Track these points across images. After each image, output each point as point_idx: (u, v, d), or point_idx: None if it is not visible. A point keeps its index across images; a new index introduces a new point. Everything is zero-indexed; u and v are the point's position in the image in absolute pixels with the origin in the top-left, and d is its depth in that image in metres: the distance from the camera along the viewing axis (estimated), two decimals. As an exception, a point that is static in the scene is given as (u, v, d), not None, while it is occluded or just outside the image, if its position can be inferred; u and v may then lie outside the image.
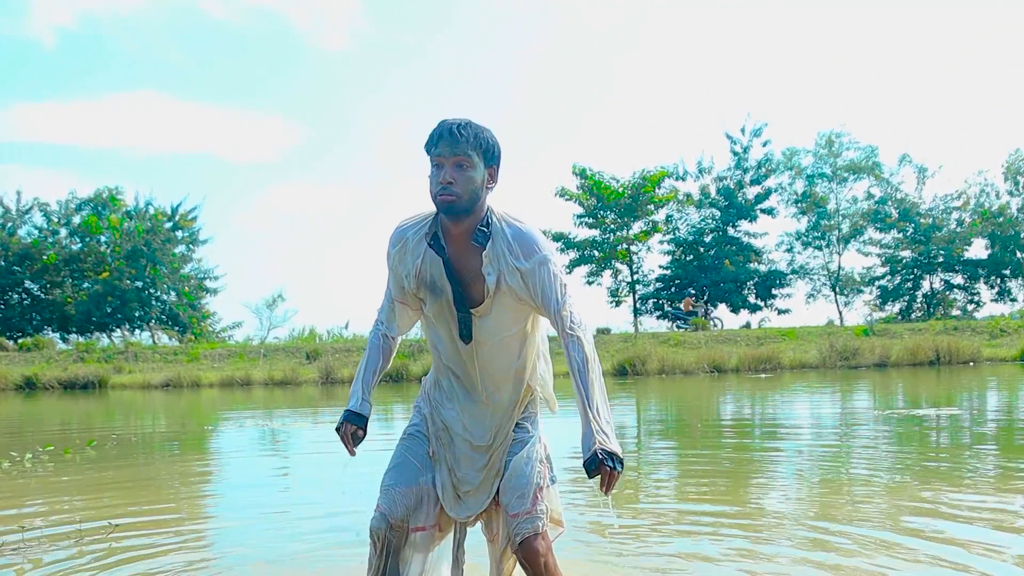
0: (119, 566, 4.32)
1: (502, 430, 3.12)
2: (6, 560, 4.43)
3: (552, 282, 2.95)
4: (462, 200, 2.87)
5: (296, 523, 5.21)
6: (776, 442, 9.30)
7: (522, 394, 3.17)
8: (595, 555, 4.41)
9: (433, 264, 2.98)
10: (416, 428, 3.21)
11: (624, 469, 2.86)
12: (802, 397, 16.29)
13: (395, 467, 3.10)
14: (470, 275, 2.97)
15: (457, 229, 2.95)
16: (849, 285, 47.17)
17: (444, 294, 3.00)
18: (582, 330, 2.98)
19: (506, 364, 3.09)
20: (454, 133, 2.87)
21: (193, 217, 50.67)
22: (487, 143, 2.95)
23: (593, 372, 2.94)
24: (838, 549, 4.32)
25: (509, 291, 2.95)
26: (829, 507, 5.49)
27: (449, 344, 3.08)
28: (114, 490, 6.98)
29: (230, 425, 14.07)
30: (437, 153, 2.89)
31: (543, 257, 2.96)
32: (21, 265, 48.64)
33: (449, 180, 2.85)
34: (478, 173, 2.91)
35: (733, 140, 46.88)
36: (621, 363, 27.38)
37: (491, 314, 2.99)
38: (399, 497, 3.01)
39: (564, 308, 2.95)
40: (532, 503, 2.98)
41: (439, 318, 3.06)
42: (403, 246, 3.03)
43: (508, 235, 2.97)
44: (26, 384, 29.58)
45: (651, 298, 47.75)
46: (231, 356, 34.02)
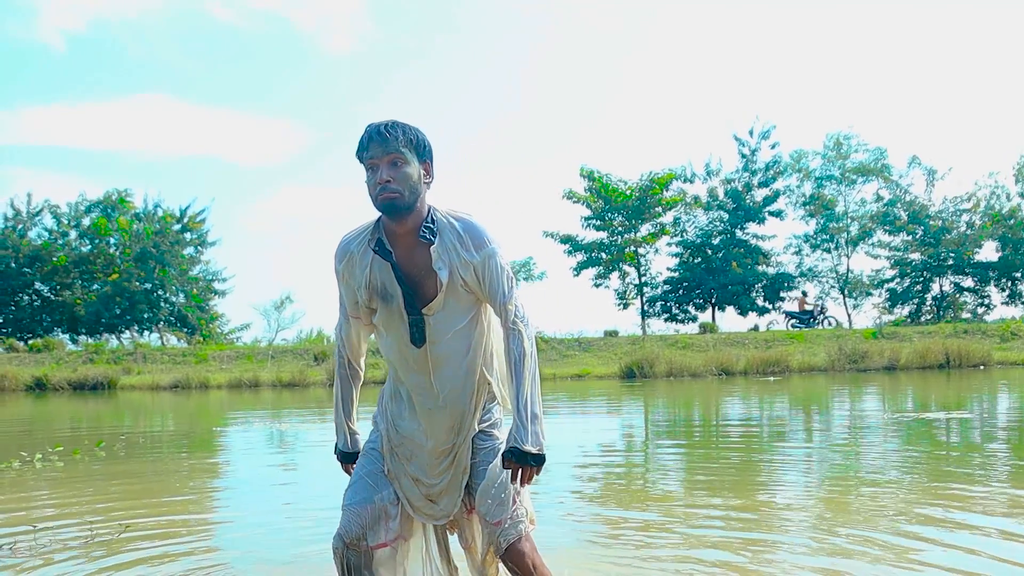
0: (130, 567, 4.33)
1: (463, 428, 3.09)
2: (19, 559, 4.44)
3: (499, 275, 2.96)
4: (403, 197, 2.86)
5: (302, 524, 5.22)
6: (784, 445, 9.29)
7: (476, 385, 3.10)
8: (602, 555, 4.40)
9: (382, 270, 2.98)
10: (371, 445, 3.21)
11: (544, 464, 2.90)
12: (811, 400, 16.27)
13: (351, 486, 3.12)
14: (420, 274, 2.96)
15: (402, 229, 2.94)
16: (858, 288, 47.06)
17: (395, 299, 2.98)
18: (524, 324, 3.00)
19: (458, 359, 3.05)
20: (382, 133, 2.86)
21: (201, 219, 50.78)
22: (417, 138, 2.93)
23: (528, 367, 2.96)
24: (847, 552, 4.31)
25: (462, 283, 2.95)
26: (838, 509, 5.48)
27: (400, 351, 3.06)
28: (123, 491, 7.00)
29: (238, 426, 14.09)
30: (370, 156, 2.88)
31: (492, 250, 2.96)
32: (31, 267, 48.82)
33: (387, 179, 2.84)
34: (413, 169, 2.89)
35: (741, 142, 46.81)
36: (629, 365, 27.35)
37: (443, 310, 2.97)
38: (353, 517, 3.02)
39: (510, 302, 2.97)
40: (512, 507, 2.99)
41: (389, 326, 3.04)
42: (349, 259, 3.02)
43: (458, 228, 2.95)
44: (36, 385, 29.69)
45: (659, 300, 47.69)
46: (239, 358, 34.08)
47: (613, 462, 8.57)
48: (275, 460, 9.15)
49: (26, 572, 4.24)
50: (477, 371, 3.09)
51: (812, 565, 4.08)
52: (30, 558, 4.51)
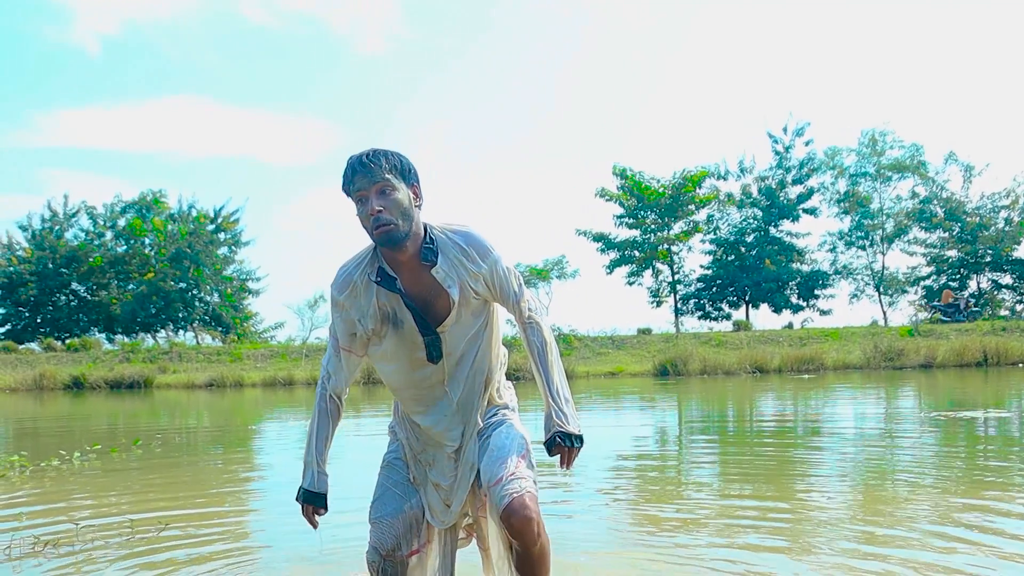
0: (169, 565, 4.36)
1: (469, 425, 3.09)
2: (62, 557, 4.49)
3: (508, 277, 2.99)
4: (399, 227, 2.83)
5: (336, 524, 5.25)
6: (818, 443, 9.22)
7: (485, 383, 3.11)
8: (635, 550, 4.38)
9: (389, 298, 2.95)
10: (394, 455, 3.22)
11: (583, 445, 2.98)
12: (845, 398, 16.14)
13: (379, 499, 3.12)
14: (430, 295, 2.94)
15: (404, 256, 2.91)
16: (893, 285, 46.69)
17: (406, 324, 2.96)
18: (539, 315, 3.05)
19: (470, 365, 3.06)
20: (365, 164, 2.84)
21: (235, 219, 51.21)
22: (401, 164, 2.90)
23: (552, 354, 3.03)
24: (882, 555, 4.27)
25: (474, 294, 2.95)
26: (873, 508, 5.43)
27: (411, 372, 3.04)
28: (161, 489, 7.05)
29: (273, 425, 14.17)
30: (357, 189, 2.87)
31: (496, 256, 2.96)
32: (68, 267, 49.44)
33: (378, 208, 2.81)
34: (403, 194, 2.86)
35: (775, 139, 46.58)
36: (662, 363, 27.26)
37: (457, 323, 2.97)
38: (387, 528, 3.03)
39: (523, 299, 3.02)
40: (515, 465, 2.93)
41: (398, 351, 3.01)
42: (352, 289, 2.97)
43: (460, 242, 2.94)
44: (74, 384, 30.05)
45: (692, 298, 47.54)
46: (273, 356, 34.31)
47: (647, 459, 8.54)
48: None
49: (69, 570, 4.28)
50: (487, 369, 3.10)
51: (846, 564, 4.04)
52: (72, 555, 4.55)
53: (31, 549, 4.66)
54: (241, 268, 52.70)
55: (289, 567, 4.30)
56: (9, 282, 48.95)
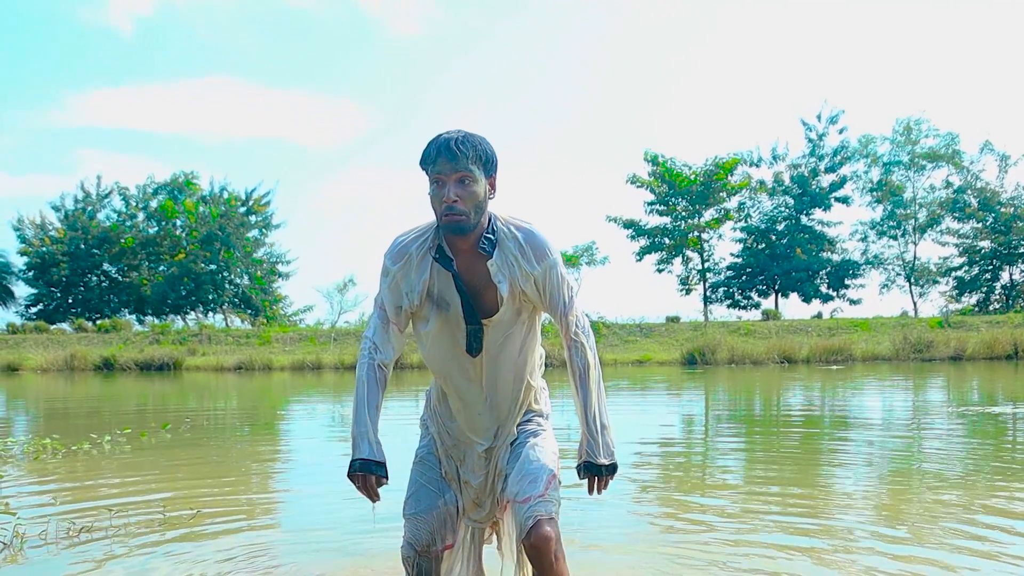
0: (203, 551, 4.42)
1: (503, 431, 3.07)
2: (96, 542, 4.55)
3: (560, 285, 2.93)
4: (470, 218, 2.80)
5: (366, 516, 5.30)
6: (846, 435, 9.18)
7: (522, 393, 3.08)
8: (658, 548, 4.39)
9: (441, 279, 2.91)
10: (427, 451, 3.18)
11: (616, 473, 2.99)
12: (873, 390, 16.07)
13: (413, 495, 3.08)
14: (481, 285, 2.90)
15: (465, 244, 2.87)
16: (924, 276, 46.29)
17: (452, 308, 2.92)
18: (585, 335, 2.99)
19: (509, 365, 3.02)
20: (452, 149, 2.77)
21: (267, 202, 51.41)
22: (486, 155, 2.84)
23: (593, 379, 2.97)
24: (905, 554, 4.26)
25: (521, 294, 2.90)
26: (898, 506, 5.41)
27: (451, 359, 3.00)
28: (191, 473, 7.13)
29: (301, 410, 14.28)
30: (436, 171, 2.80)
31: (553, 260, 2.90)
32: (100, 248, 49.87)
33: (454, 198, 2.77)
34: (480, 187, 2.82)
35: (808, 127, 46.24)
36: (690, 352, 27.24)
37: (501, 321, 2.93)
38: (422, 524, 3.01)
39: (571, 312, 2.96)
40: (545, 487, 2.88)
41: (441, 334, 2.97)
42: (407, 262, 2.91)
43: (520, 239, 2.89)
44: (104, 365, 30.38)
45: (722, 286, 47.37)
46: (302, 340, 34.50)
47: (672, 449, 8.54)
48: (336, 445, 9.25)
49: (105, 555, 4.34)
50: (525, 377, 3.07)
51: (870, 562, 4.04)
52: (107, 541, 4.62)
53: (67, 533, 4.73)
54: (271, 251, 52.96)
55: (318, 554, 4.34)
56: (41, 262, 49.45)
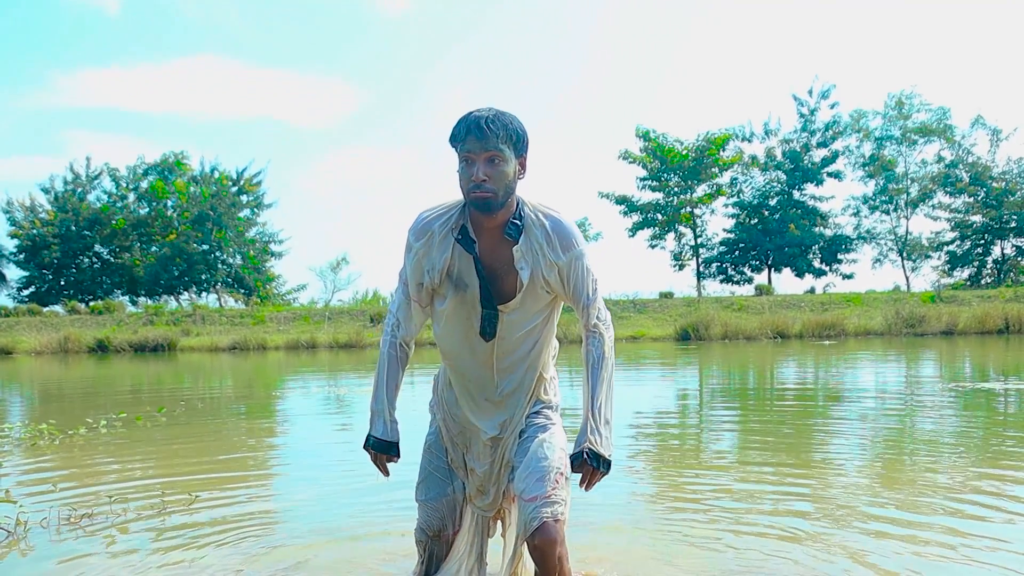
0: (203, 538, 4.45)
1: (512, 421, 3.03)
2: (97, 531, 4.57)
3: (585, 277, 2.90)
4: (498, 197, 2.77)
5: (362, 496, 5.34)
6: (839, 411, 9.23)
7: (534, 384, 3.05)
8: (649, 521, 4.42)
9: (462, 259, 2.88)
10: (433, 438, 3.22)
11: (610, 471, 2.95)
12: (866, 366, 16.13)
13: (423, 483, 3.17)
14: (502, 269, 2.88)
15: (491, 223, 2.85)
16: (916, 250, 46.42)
17: (470, 289, 2.89)
18: (605, 327, 2.98)
19: (523, 356, 2.99)
20: (482, 128, 2.73)
21: (258, 182, 51.32)
22: (516, 134, 2.80)
23: (606, 371, 2.95)
24: (899, 532, 4.30)
25: (543, 283, 2.87)
26: (891, 480, 5.45)
27: (464, 342, 2.99)
28: (187, 458, 7.15)
29: (297, 389, 14.30)
30: (466, 149, 2.76)
31: (580, 252, 2.87)
32: (91, 230, 49.76)
33: (483, 178, 2.74)
34: (510, 167, 2.79)
35: (800, 102, 46.26)
36: (684, 328, 27.31)
37: (520, 308, 2.90)
38: (433, 511, 3.12)
39: (594, 304, 2.94)
40: (552, 487, 2.86)
41: (456, 315, 2.96)
42: (429, 239, 2.89)
43: (547, 227, 2.86)
44: (98, 347, 30.33)
45: (715, 262, 47.45)
46: (296, 319, 34.51)
47: (667, 426, 8.58)
48: (335, 425, 9.28)
49: (105, 541, 4.37)
50: (538, 370, 3.04)
51: (863, 538, 4.08)
52: (107, 528, 4.64)
53: (67, 520, 4.75)
54: (263, 230, 52.92)
55: (316, 537, 4.37)
56: (32, 245, 49.32)
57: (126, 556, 4.09)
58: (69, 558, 4.07)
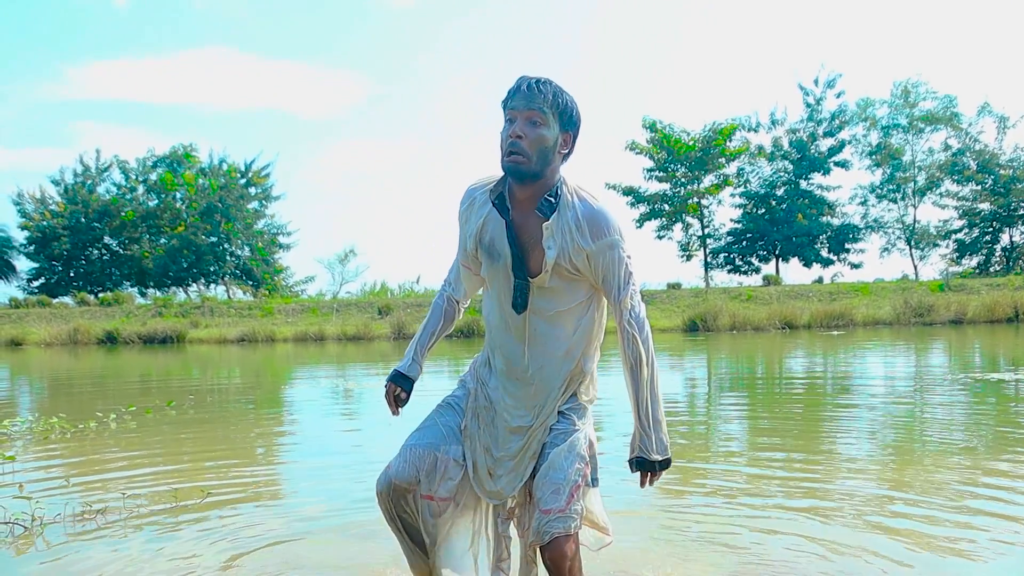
0: (216, 534, 4.48)
1: (543, 411, 2.93)
2: (112, 528, 4.59)
3: (617, 268, 2.81)
4: (531, 161, 2.70)
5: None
6: (848, 402, 9.23)
7: (569, 375, 2.95)
8: (657, 513, 4.43)
9: (495, 225, 2.85)
10: (455, 399, 3.09)
11: (669, 466, 2.93)
12: (875, 355, 16.12)
13: (420, 428, 3.02)
14: (531, 243, 2.82)
15: (523, 194, 2.79)
16: (924, 239, 46.27)
17: (502, 258, 2.85)
18: (639, 326, 2.86)
19: (557, 341, 2.90)
20: (532, 87, 2.72)
21: (266, 174, 51.31)
22: (565, 105, 2.76)
23: (646, 372, 2.86)
24: (906, 524, 4.31)
25: (570, 267, 2.79)
26: (901, 471, 5.46)
27: (500, 314, 2.94)
28: (197, 451, 7.19)
29: (305, 382, 14.34)
30: (511, 107, 2.74)
31: (613, 240, 2.79)
32: (101, 222, 49.84)
33: (519, 134, 2.69)
34: (550, 132, 2.73)
35: (806, 91, 46.10)
36: (692, 319, 27.30)
37: (548, 288, 2.84)
38: (412, 458, 2.91)
39: (626, 298, 2.83)
40: (567, 501, 2.79)
41: (493, 284, 2.93)
42: (471, 204, 2.91)
43: (579, 211, 2.78)
44: (107, 338, 30.42)
45: (722, 252, 47.38)
46: (304, 311, 34.55)
47: (676, 418, 8.58)
48: (344, 417, 9.30)
49: (120, 537, 4.39)
50: (576, 361, 2.95)
51: (871, 529, 4.09)
52: (121, 523, 4.67)
53: (81, 515, 4.77)
54: (272, 222, 52.92)
55: (327, 533, 4.40)
56: (42, 236, 49.43)
57: (141, 552, 4.12)
58: (85, 554, 4.10)
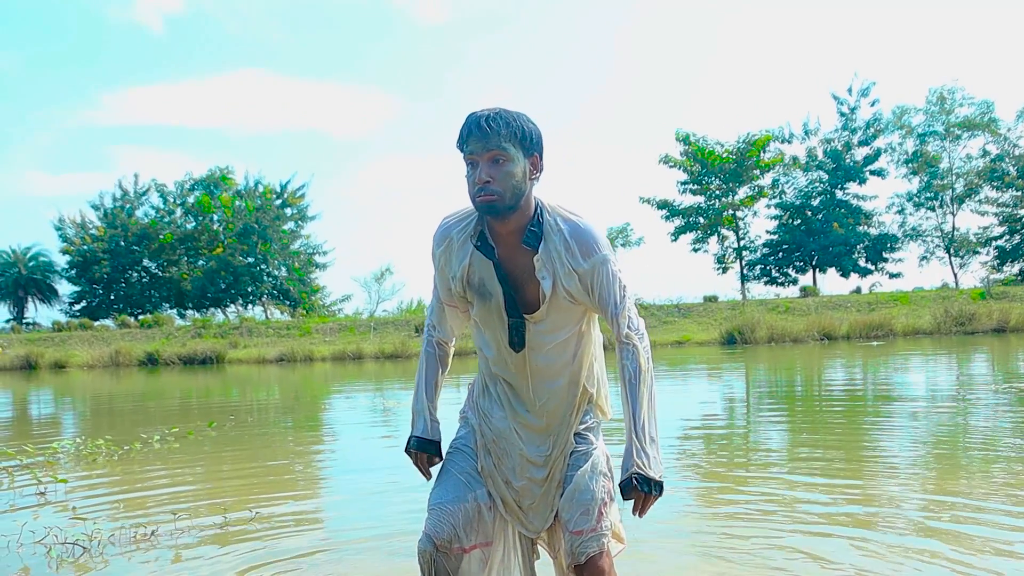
0: (264, 555, 4.52)
1: (559, 440, 2.85)
2: (164, 551, 4.64)
3: (611, 283, 2.70)
4: (504, 199, 2.58)
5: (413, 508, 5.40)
6: (889, 412, 9.16)
7: (578, 399, 2.87)
8: (699, 539, 4.43)
9: (482, 266, 2.73)
10: (463, 442, 2.96)
11: (663, 492, 2.70)
12: (916, 366, 15.98)
13: (441, 484, 2.87)
14: (523, 277, 2.72)
15: (505, 228, 2.68)
16: (964, 246, 45.80)
17: (494, 298, 2.75)
18: (639, 338, 2.76)
19: (560, 369, 2.82)
20: (483, 127, 2.57)
21: (301, 194, 51.80)
22: (522, 131, 2.61)
23: (644, 385, 2.74)
24: (958, 522, 4.28)
25: (566, 294, 2.69)
26: (944, 483, 5.42)
27: (497, 351, 2.84)
28: (240, 472, 7.25)
29: (343, 400, 14.42)
30: (469, 151, 2.61)
31: (603, 257, 2.68)
32: (140, 245, 50.51)
33: (486, 179, 2.57)
34: (517, 166, 2.60)
35: (840, 100, 45.91)
36: (729, 331, 27.17)
37: (547, 319, 2.73)
38: (446, 516, 2.78)
39: (622, 313, 2.72)
40: (597, 519, 2.73)
41: (487, 323, 2.82)
42: (448, 245, 2.77)
43: (565, 232, 2.67)
44: (148, 360, 30.76)
45: (758, 264, 47.17)
46: (342, 330, 34.74)
47: (714, 431, 8.55)
48: (383, 435, 9.35)
49: (173, 561, 4.44)
50: (580, 384, 2.87)
51: (914, 546, 4.07)
52: (173, 545, 4.73)
53: (134, 537, 4.85)
54: (308, 242, 53.38)
55: (376, 553, 4.43)
56: (83, 260, 50.22)
57: (196, 570, 4.17)
58: (143, 573, 4.16)
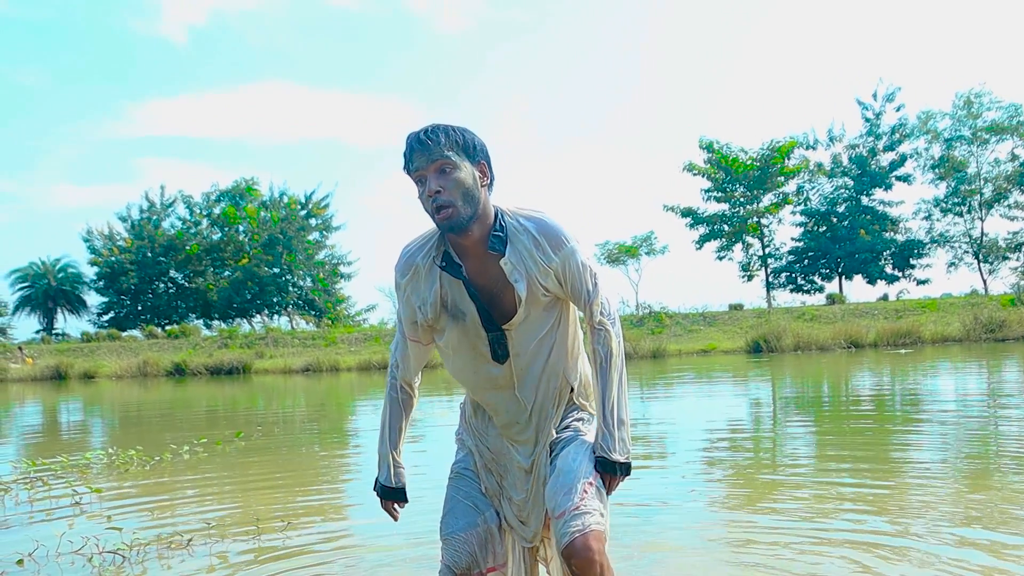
0: (300, 567, 4.55)
1: (542, 434, 2.84)
2: (200, 560, 4.69)
3: (582, 272, 2.70)
4: (459, 208, 2.57)
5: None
6: (918, 420, 9.10)
7: (558, 393, 2.85)
8: (725, 552, 4.42)
9: (452, 287, 2.72)
10: (463, 465, 2.97)
11: (630, 473, 2.75)
12: (945, 374, 15.86)
13: (450, 513, 2.87)
14: (496, 287, 2.70)
15: (469, 240, 2.65)
16: (993, 252, 45.44)
17: (468, 316, 2.72)
18: (611, 322, 2.77)
19: (541, 365, 2.80)
20: (423, 141, 2.59)
21: (326, 204, 52.12)
22: (463, 138, 2.62)
23: (615, 369, 2.75)
24: (987, 541, 4.26)
25: (542, 290, 2.68)
26: (977, 491, 5.38)
27: (478, 372, 2.82)
28: (269, 482, 7.30)
29: (370, 409, 14.46)
30: (415, 168, 2.61)
31: (571, 248, 2.67)
32: (166, 256, 50.96)
33: (436, 189, 2.56)
34: (465, 173, 2.59)
35: (864, 106, 45.72)
36: (755, 340, 27.06)
37: (525, 321, 2.72)
38: (461, 545, 2.78)
39: (596, 300, 2.73)
40: (580, 497, 2.64)
41: (462, 346, 2.79)
42: (414, 273, 2.75)
43: (532, 230, 2.67)
44: (176, 370, 30.98)
45: (784, 271, 46.99)
46: (367, 340, 34.85)
47: (740, 440, 8.53)
48: (408, 443, 9.38)
49: (208, 571, 4.47)
50: (560, 375, 2.85)
51: (949, 550, 4.04)
52: (208, 554, 4.77)
53: (169, 546, 4.90)
54: (332, 252, 53.67)
55: (411, 563, 4.45)
56: (111, 271, 50.71)
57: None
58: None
